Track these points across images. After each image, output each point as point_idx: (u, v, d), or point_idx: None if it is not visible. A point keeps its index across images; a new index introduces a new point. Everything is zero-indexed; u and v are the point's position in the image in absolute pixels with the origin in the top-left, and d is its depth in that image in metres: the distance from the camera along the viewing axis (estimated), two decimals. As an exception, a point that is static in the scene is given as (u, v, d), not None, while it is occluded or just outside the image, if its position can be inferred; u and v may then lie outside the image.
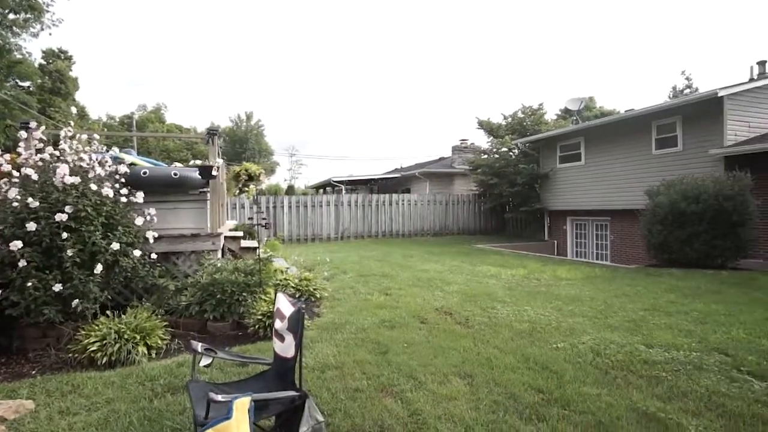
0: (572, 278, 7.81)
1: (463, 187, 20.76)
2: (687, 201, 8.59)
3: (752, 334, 4.38)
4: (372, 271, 8.39)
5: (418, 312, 5.34)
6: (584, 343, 4.18)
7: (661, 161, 11.91)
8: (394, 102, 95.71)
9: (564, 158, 15.55)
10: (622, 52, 67.20)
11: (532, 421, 2.80)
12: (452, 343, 4.20)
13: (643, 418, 2.83)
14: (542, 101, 22.26)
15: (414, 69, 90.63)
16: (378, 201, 17.30)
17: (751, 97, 10.90)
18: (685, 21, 59.63)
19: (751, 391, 3.19)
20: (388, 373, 3.51)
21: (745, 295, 6.13)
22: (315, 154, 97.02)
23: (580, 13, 67.70)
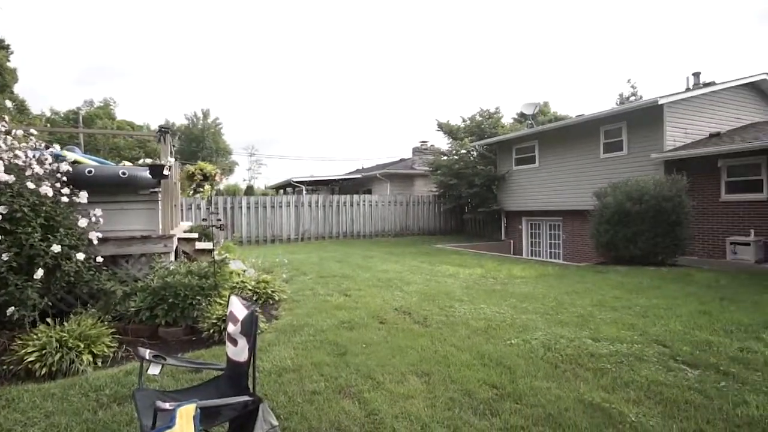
0: (526, 276, 8.09)
1: (424, 188, 21.03)
2: (631, 202, 9.12)
3: (687, 326, 4.69)
4: (332, 272, 8.35)
5: (377, 312, 5.37)
6: (536, 338, 4.34)
7: (609, 164, 12.56)
8: (356, 103, 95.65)
9: (519, 161, 16.09)
10: (575, 60, 70.39)
11: (486, 417, 2.88)
12: (410, 343, 4.25)
13: (589, 408, 2.98)
14: (499, 105, 23.09)
15: (375, 70, 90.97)
16: (339, 202, 17.23)
17: (687, 105, 11.71)
18: (631, 32, 63.21)
19: (685, 379, 3.42)
20: (346, 375, 3.51)
21: (682, 290, 6.57)
22: (275, 154, 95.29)
23: (535, 21, 70.29)
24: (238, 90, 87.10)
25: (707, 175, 10.67)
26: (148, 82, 79.47)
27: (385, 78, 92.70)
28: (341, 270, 8.71)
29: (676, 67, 55.61)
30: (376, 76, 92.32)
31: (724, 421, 2.79)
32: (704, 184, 10.70)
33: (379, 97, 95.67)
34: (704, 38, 54.88)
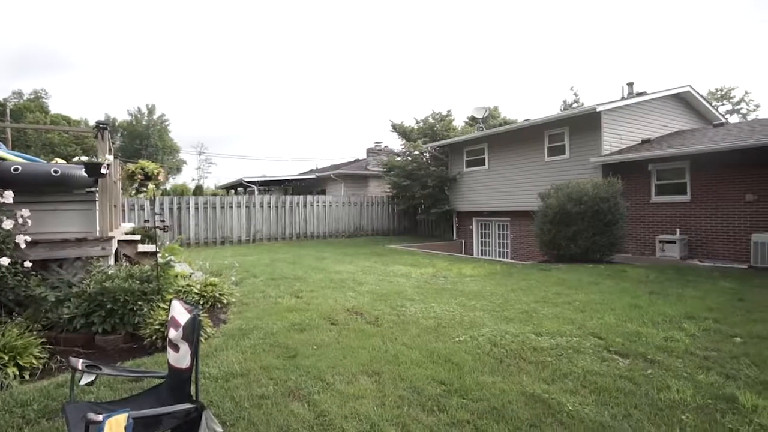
0: (476, 275, 8.35)
1: (378, 189, 21.15)
2: (572, 203, 9.65)
3: (620, 319, 5.03)
4: (284, 274, 8.22)
5: (329, 313, 5.35)
6: (483, 335, 4.50)
7: (553, 167, 13.21)
8: (311, 102, 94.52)
9: (470, 162, 16.56)
10: (524, 67, 73.31)
11: (434, 412, 2.96)
12: (362, 343, 4.28)
13: (531, 400, 3.13)
14: (451, 108, 23.66)
15: (330, 70, 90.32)
16: (292, 202, 16.97)
17: (622, 113, 12.54)
18: (575, 42, 66.74)
19: (617, 368, 3.67)
20: (295, 377, 3.47)
21: (617, 285, 7.03)
22: (226, 153, 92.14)
23: (486, 28, 72.56)
24: (187, 86, 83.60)
25: (639, 178, 11.48)
26: (86, 74, 74.49)
27: (340, 78, 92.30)
28: (293, 272, 8.59)
29: (615, 76, 59.36)
30: (331, 75, 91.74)
31: (649, 406, 3.02)
32: (637, 187, 11.51)
33: (334, 98, 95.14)
34: (640, 50, 58.95)
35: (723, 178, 10.06)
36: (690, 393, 3.16)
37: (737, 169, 9.80)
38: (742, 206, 9.73)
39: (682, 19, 57.56)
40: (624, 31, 60.56)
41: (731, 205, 9.92)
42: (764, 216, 9.40)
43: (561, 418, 2.88)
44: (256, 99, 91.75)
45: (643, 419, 2.84)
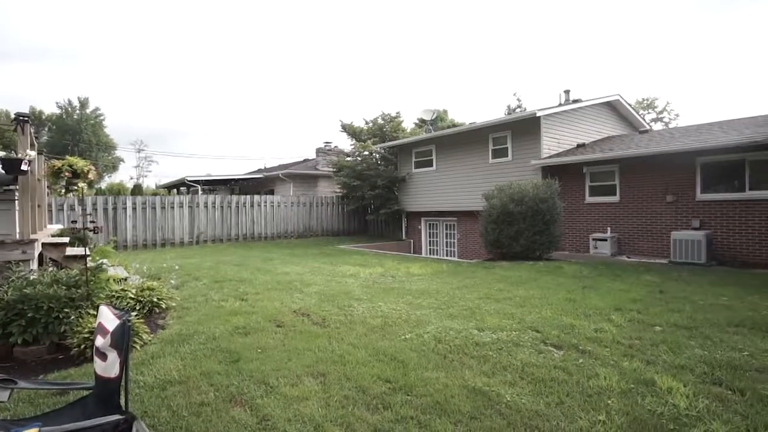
0: (423, 274, 8.51)
1: (327, 189, 21.00)
2: (514, 203, 10.09)
3: (556, 313, 5.33)
4: (228, 277, 7.96)
5: (275, 316, 5.25)
6: (429, 332, 4.59)
7: (496, 169, 13.73)
8: (259, 101, 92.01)
9: (419, 164, 16.85)
10: (473, 71, 75.48)
11: (379, 411, 2.99)
12: (308, 344, 4.23)
13: (472, 393, 3.23)
14: (400, 110, 23.95)
15: (280, 68, 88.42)
16: (239, 202, 16.46)
17: (560, 118, 13.27)
18: (519, 50, 69.72)
19: (552, 359, 3.88)
20: (238, 382, 3.38)
21: (554, 281, 7.43)
22: (168, 150, 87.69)
23: (435, 32, 74.11)
24: (125, 79, 78.61)
25: (575, 180, 12.20)
26: (10, 63, 68.08)
27: (290, 77, 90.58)
28: (238, 274, 8.34)
29: (554, 83, 62.70)
30: (281, 74, 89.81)
31: (580, 393, 3.21)
32: (573, 188, 12.23)
33: (284, 96, 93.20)
34: (576, 59, 62.65)
35: (647, 180, 10.91)
36: (615, 379, 3.40)
37: (659, 172, 10.68)
38: (664, 206, 10.62)
39: (613, 34, 61.80)
40: (562, 41, 64.14)
41: (654, 205, 10.79)
42: (682, 215, 10.31)
43: (500, 408, 3.00)
44: (201, 95, 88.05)
45: (574, 406, 3.02)
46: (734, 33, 53.14)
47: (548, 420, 2.83)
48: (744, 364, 3.64)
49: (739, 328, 4.63)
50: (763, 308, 5.41)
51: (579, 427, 2.75)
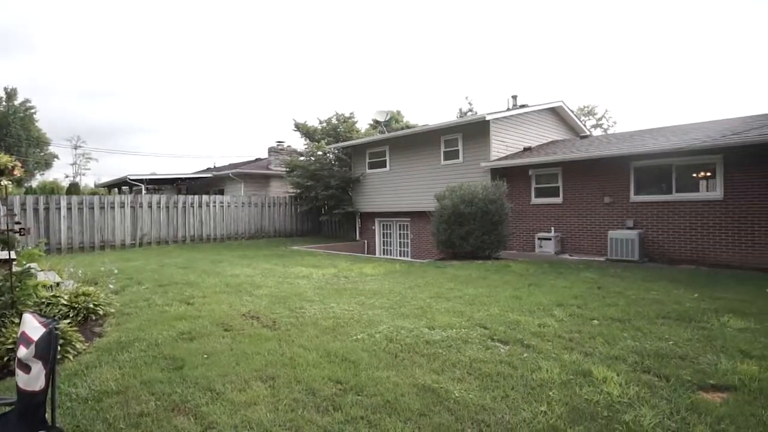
0: (376, 274, 8.55)
1: (280, 189, 20.61)
2: (464, 204, 10.37)
3: (503, 309, 5.52)
4: (173, 280, 7.62)
5: (222, 319, 5.08)
6: (380, 332, 4.62)
7: (448, 170, 14.04)
8: (209, 98, 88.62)
9: (372, 164, 16.91)
10: (427, 74, 76.61)
11: (329, 412, 2.97)
12: (257, 348, 4.13)
13: (422, 390, 3.29)
14: (354, 110, 23.89)
15: (230, 65, 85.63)
16: (186, 202, 15.79)
17: (508, 122, 13.78)
18: (471, 54, 71.67)
19: (498, 354, 4.02)
20: (182, 390, 3.24)
21: (502, 279, 7.71)
22: (109, 148, 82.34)
23: (389, 35, 74.70)
24: (60, 70, 73.10)
25: (522, 182, 12.71)
26: None
27: (242, 74, 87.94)
28: (185, 277, 8.01)
29: (503, 88, 64.95)
30: (232, 71, 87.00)
31: (524, 386, 3.35)
32: (520, 190, 12.73)
33: (235, 94, 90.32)
34: (524, 66, 65.34)
35: (587, 183, 11.57)
36: (557, 371, 3.57)
37: (598, 175, 11.35)
38: (602, 207, 11.29)
39: (558, 44, 65.03)
40: (512, 48, 66.69)
41: (594, 206, 11.45)
42: (618, 215, 11.01)
43: (448, 404, 3.07)
44: (148, 91, 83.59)
45: (518, 398, 3.15)
46: (667, 46, 57.49)
47: (494, 413, 2.93)
48: (669, 353, 3.95)
49: (666, 320, 5.00)
50: (687, 301, 5.89)
51: (522, 418, 2.87)
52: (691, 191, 10.07)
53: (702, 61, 54.81)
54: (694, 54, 54.07)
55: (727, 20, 51.65)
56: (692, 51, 54.80)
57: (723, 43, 51.84)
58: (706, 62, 53.88)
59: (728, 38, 51.38)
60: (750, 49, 50.56)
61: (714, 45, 52.70)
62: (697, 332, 4.53)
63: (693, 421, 2.80)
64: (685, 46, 55.35)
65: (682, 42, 55.35)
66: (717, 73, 53.63)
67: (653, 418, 2.82)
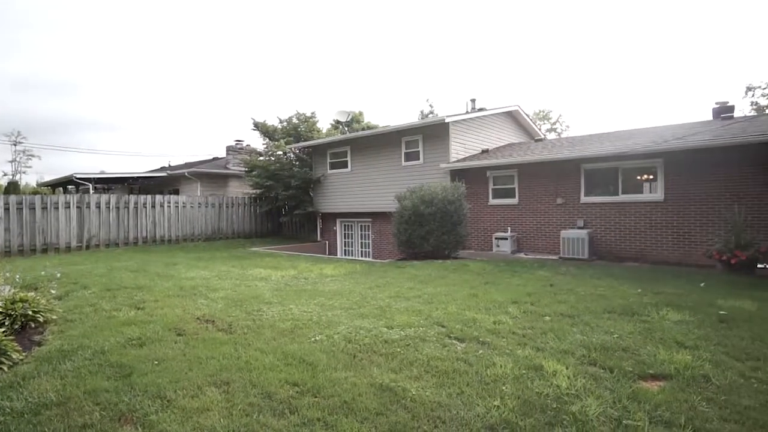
0: (337, 275, 8.52)
1: (239, 189, 20.14)
2: (424, 205, 10.53)
3: (460, 308, 5.64)
4: (123, 284, 7.28)
5: (175, 324, 4.91)
6: (339, 333, 4.61)
7: (409, 171, 14.20)
8: (164, 94, 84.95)
9: (334, 165, 16.83)
10: (389, 76, 76.85)
11: (285, 415, 2.93)
12: (211, 352, 4.02)
13: (379, 390, 3.31)
14: (315, 110, 23.59)
15: (187, 61, 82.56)
16: (138, 203, 15.11)
17: (466, 125, 14.10)
18: (432, 56, 72.66)
19: (455, 352, 4.11)
20: (129, 399, 3.11)
21: (460, 278, 7.88)
22: (54, 144, 77.16)
23: (352, 34, 74.46)
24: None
25: (480, 183, 13.05)
26: None
27: (199, 71, 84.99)
28: (136, 281, 7.66)
29: (463, 91, 66.31)
30: (189, 67, 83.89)
31: (479, 382, 3.44)
32: (478, 191, 13.06)
33: (192, 91, 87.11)
34: (483, 69, 67.01)
35: (541, 184, 12.02)
36: (510, 367, 3.69)
37: (551, 177, 11.82)
38: (555, 208, 11.77)
39: (517, 50, 67.15)
40: (472, 51, 68.16)
41: (547, 206, 11.91)
42: (570, 216, 11.51)
43: (405, 403, 3.11)
44: (98, 84, 79.06)
45: (473, 394, 3.23)
46: (618, 55, 60.67)
47: (449, 410, 3.00)
48: (614, 346, 4.17)
49: (612, 314, 5.29)
50: (631, 296, 6.24)
51: (476, 413, 2.95)
52: (636, 193, 10.68)
53: (648, 68, 58.27)
54: (642, 62, 57.38)
55: (670, 33, 55.14)
56: (640, 59, 58.11)
57: (667, 53, 55.33)
58: (652, 70, 57.33)
59: (671, 49, 54.90)
60: (691, 59, 54.25)
61: (659, 54, 56.15)
62: (639, 325, 4.81)
63: (633, 408, 2.97)
64: (634, 55, 58.61)
65: (631, 51, 58.59)
66: (663, 80, 57.19)
67: (597, 407, 2.97)
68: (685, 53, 53.81)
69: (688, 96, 54.04)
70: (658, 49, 55.44)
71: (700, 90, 52.59)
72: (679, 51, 54.80)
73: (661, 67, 56.12)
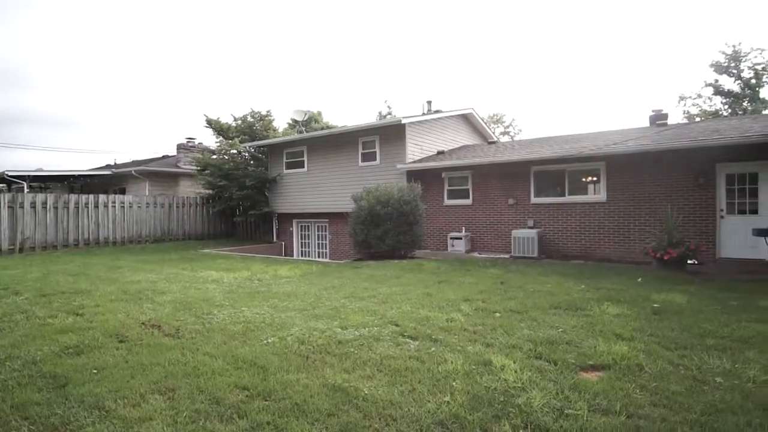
0: (291, 276, 8.40)
1: (190, 189, 19.41)
2: (381, 205, 10.58)
3: (414, 306, 5.72)
4: (60, 289, 6.83)
5: (118, 330, 4.66)
6: (293, 334, 4.55)
7: (366, 172, 14.22)
8: (110, 87, 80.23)
9: (290, 164, 16.57)
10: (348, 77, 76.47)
11: (233, 420, 2.86)
12: (156, 358, 3.85)
13: (332, 390, 3.29)
14: (271, 108, 23.06)
15: (136, 54, 78.41)
16: (79, 202, 14.23)
17: (423, 126, 14.31)
18: (390, 58, 73.11)
19: (408, 350, 4.16)
20: (63, 411, 2.92)
21: (415, 277, 7.98)
22: (-21, 138, 70.95)
23: (311, 34, 73.58)
24: None
25: (436, 184, 13.28)
26: None
27: (148, 65, 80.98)
28: (75, 285, 7.21)
29: (420, 93, 67.20)
30: (137, 60, 79.75)
31: (430, 379, 3.50)
32: (434, 191, 13.28)
33: (140, 86, 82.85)
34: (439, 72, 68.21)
35: (494, 185, 12.40)
36: (460, 363, 3.78)
37: (503, 178, 12.22)
38: (506, 208, 12.18)
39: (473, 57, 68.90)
40: (429, 54, 69.24)
41: (500, 207, 12.30)
42: (521, 216, 11.95)
43: (357, 402, 3.11)
44: (35, 76, 73.48)
45: (424, 391, 3.28)
46: (570, 61, 63.62)
47: (401, 407, 3.03)
48: (558, 339, 4.37)
49: (557, 310, 5.53)
50: (575, 292, 6.56)
51: (427, 409, 3.00)
52: (581, 194, 11.24)
53: (595, 77, 61.57)
54: (589, 71, 60.53)
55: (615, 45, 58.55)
56: (588, 68, 61.26)
57: (612, 63, 58.75)
58: (598, 78, 60.64)
59: (616, 59, 58.35)
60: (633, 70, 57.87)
61: (604, 64, 59.49)
62: (582, 319, 5.06)
63: (574, 398, 3.12)
64: (582, 64, 61.72)
65: (580, 60, 61.65)
66: (609, 88, 60.62)
67: (542, 399, 3.10)
68: (628, 64, 57.27)
69: (631, 102, 57.55)
70: (604, 59, 58.69)
71: (641, 97, 56.16)
72: (623, 62, 58.25)
73: (607, 75, 59.47)
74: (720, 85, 27.61)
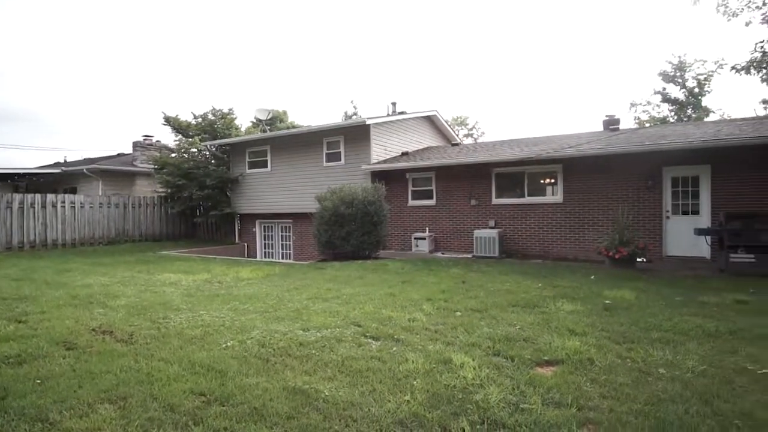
0: (253, 278, 8.24)
1: (148, 189, 18.68)
2: (345, 205, 10.56)
3: (377, 307, 5.74)
4: (1, 295, 6.41)
5: (65, 337, 4.43)
6: (253, 337, 4.47)
7: (330, 172, 14.15)
8: (61, 80, 75.80)
9: (253, 164, 16.25)
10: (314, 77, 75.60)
11: (188, 428, 2.78)
12: (107, 366, 3.69)
13: (292, 393, 3.26)
14: (234, 106, 22.60)
15: (90, 49, 74.49)
16: (25, 202, 13.40)
17: (387, 127, 14.38)
18: (356, 58, 72.95)
19: (370, 350, 4.17)
20: (0, 424, 2.75)
21: (379, 278, 8.01)
22: None
23: (279, 31, 72.33)
24: None
25: (400, 185, 13.38)
26: None
27: (104, 59, 77.09)
28: (18, 290, 6.79)
29: (385, 94, 67.47)
30: (92, 54, 75.75)
31: (391, 378, 3.52)
32: (398, 192, 13.38)
33: (94, 81, 78.75)
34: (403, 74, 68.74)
35: (457, 186, 12.63)
36: (421, 362, 3.83)
37: (466, 180, 12.46)
38: (469, 209, 12.43)
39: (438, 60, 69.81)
40: (393, 55, 69.64)
41: (462, 208, 12.54)
42: (482, 216, 12.23)
43: (318, 404, 3.09)
44: (-35, 65, 68.31)
45: (385, 391, 3.30)
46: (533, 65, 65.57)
47: (361, 408, 3.04)
48: (516, 336, 4.50)
49: (516, 307, 5.70)
50: (533, 290, 6.79)
51: (387, 409, 3.02)
52: (540, 195, 11.63)
53: (554, 81, 63.79)
54: (549, 75, 62.67)
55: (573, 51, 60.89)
56: (548, 73, 63.38)
57: (571, 69, 61.08)
58: (557, 82, 62.86)
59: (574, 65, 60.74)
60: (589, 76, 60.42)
61: (565, 69, 61.77)
62: (538, 317, 5.24)
63: (529, 393, 3.23)
64: (543, 69, 63.80)
65: (541, 66, 63.71)
66: (568, 92, 62.94)
67: (498, 395, 3.19)
68: (586, 70, 59.70)
69: (588, 107, 60.05)
70: (564, 65, 60.90)
71: (597, 102, 58.69)
72: (581, 68, 60.69)
73: (567, 80, 61.74)
74: (667, 93, 29.31)
